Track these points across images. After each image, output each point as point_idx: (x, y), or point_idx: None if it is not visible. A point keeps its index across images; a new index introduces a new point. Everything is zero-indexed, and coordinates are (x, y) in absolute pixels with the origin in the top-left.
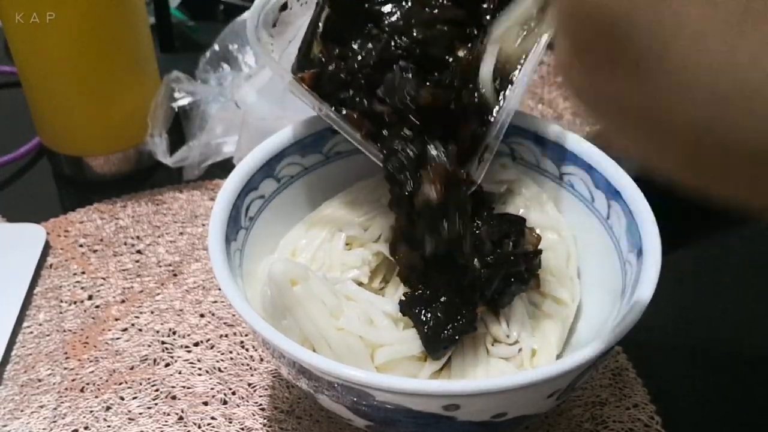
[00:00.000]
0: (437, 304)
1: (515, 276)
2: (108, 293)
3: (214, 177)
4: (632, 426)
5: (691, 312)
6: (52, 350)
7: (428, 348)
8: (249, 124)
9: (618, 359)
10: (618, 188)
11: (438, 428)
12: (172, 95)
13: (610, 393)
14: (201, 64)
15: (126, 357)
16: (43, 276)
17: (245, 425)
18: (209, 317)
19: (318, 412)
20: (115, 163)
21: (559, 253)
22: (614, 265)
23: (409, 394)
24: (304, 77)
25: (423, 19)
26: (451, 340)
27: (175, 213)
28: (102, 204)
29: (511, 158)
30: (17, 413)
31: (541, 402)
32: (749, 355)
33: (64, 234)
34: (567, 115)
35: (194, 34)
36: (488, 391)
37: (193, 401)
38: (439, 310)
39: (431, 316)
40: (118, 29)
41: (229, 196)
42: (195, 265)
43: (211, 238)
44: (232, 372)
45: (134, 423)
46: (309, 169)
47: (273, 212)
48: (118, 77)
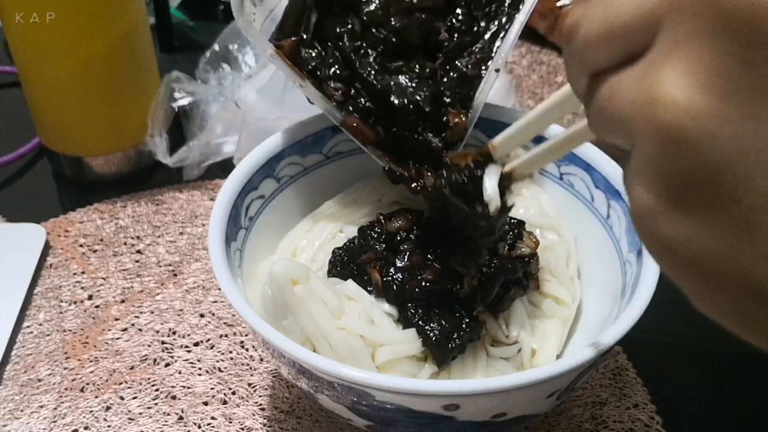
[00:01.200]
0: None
1: (514, 282)
2: (108, 293)
3: (214, 177)
4: (632, 426)
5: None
6: (52, 350)
7: (436, 358)
8: (249, 124)
9: (618, 359)
10: (618, 188)
11: (438, 428)
12: (172, 95)
13: (610, 393)
14: (201, 64)
15: (126, 357)
16: (43, 276)
17: (245, 425)
18: (209, 317)
19: (318, 412)
20: (115, 163)
21: (559, 253)
22: (614, 265)
23: (410, 394)
24: (283, 45)
25: (401, 8)
26: (458, 349)
27: (175, 213)
28: (102, 204)
29: None
30: (17, 413)
31: (541, 402)
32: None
33: (64, 234)
34: (567, 115)
35: (194, 34)
36: (488, 391)
37: (193, 401)
38: (443, 318)
39: (435, 325)
40: (118, 29)
41: (229, 196)
42: (195, 265)
43: (211, 238)
44: (232, 372)
45: (134, 423)
46: (309, 169)
47: (273, 212)
48: (118, 77)
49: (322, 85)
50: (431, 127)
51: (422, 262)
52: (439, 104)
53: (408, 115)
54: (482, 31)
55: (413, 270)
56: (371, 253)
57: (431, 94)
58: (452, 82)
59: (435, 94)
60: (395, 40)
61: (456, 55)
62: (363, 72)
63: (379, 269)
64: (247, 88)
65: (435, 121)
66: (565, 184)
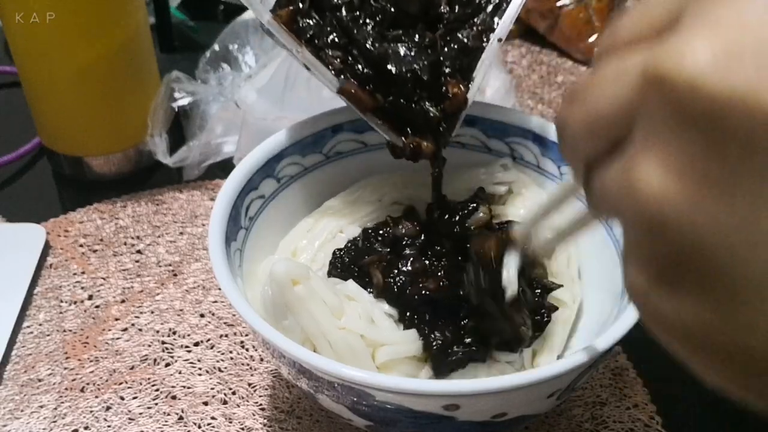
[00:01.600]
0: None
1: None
2: (108, 293)
3: (214, 177)
4: (632, 426)
5: None
6: (52, 350)
7: (435, 368)
8: (249, 124)
9: (618, 359)
10: None
11: (438, 428)
12: (172, 95)
13: (610, 393)
14: (201, 64)
15: (126, 357)
16: (43, 276)
17: (245, 425)
18: (209, 317)
19: (318, 412)
20: (115, 163)
21: (559, 253)
22: (614, 265)
23: (410, 394)
24: (280, 14)
25: None
26: (458, 363)
27: (175, 213)
28: (102, 204)
29: (511, 158)
30: (17, 413)
31: (541, 402)
32: None
33: (64, 234)
34: None
35: (194, 34)
36: (488, 391)
37: (193, 401)
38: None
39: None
40: (118, 29)
41: (229, 196)
42: (195, 265)
43: (211, 238)
44: (232, 372)
45: (134, 423)
46: (309, 169)
47: (273, 212)
48: (118, 77)
49: (320, 54)
50: (429, 96)
51: (426, 269)
52: (437, 74)
53: (405, 84)
54: (484, 3)
55: (416, 276)
56: (375, 256)
57: (430, 63)
58: (452, 52)
59: (434, 63)
60: (393, 9)
61: (457, 26)
62: (360, 39)
63: (381, 270)
64: (247, 88)
65: (433, 90)
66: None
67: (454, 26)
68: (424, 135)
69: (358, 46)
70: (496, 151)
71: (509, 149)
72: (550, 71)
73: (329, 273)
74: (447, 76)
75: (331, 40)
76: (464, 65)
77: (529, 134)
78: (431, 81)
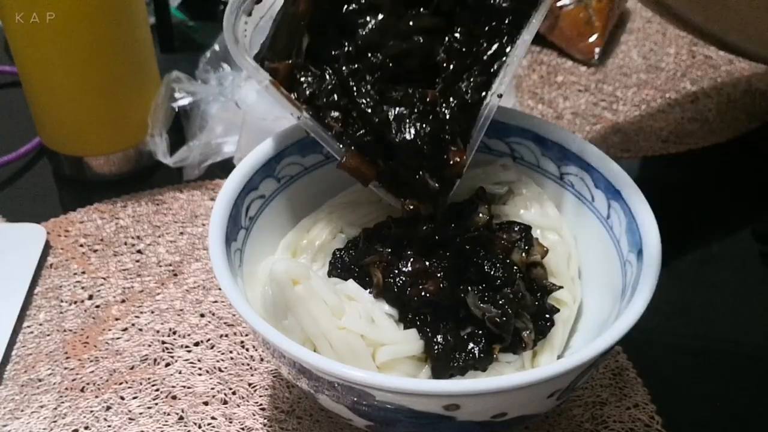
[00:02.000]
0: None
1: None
2: (108, 293)
3: (214, 177)
4: (632, 426)
5: (691, 312)
6: (52, 350)
7: (435, 371)
8: (249, 124)
9: (618, 359)
10: (618, 188)
11: (438, 428)
12: (172, 95)
13: (610, 393)
14: (201, 64)
15: (126, 357)
16: (44, 276)
17: (245, 425)
18: (209, 317)
19: (318, 412)
20: (115, 163)
21: (559, 253)
22: (614, 265)
23: (410, 394)
24: (278, 69)
25: (398, 31)
26: (459, 370)
27: (175, 213)
28: (102, 204)
29: (511, 158)
30: (17, 413)
31: (541, 402)
32: (749, 354)
33: (65, 234)
34: (567, 115)
35: (194, 34)
36: (488, 391)
37: (194, 401)
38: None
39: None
40: (118, 29)
41: (229, 196)
42: (195, 265)
43: (212, 238)
44: (233, 372)
45: (134, 423)
46: (309, 169)
47: (273, 212)
48: (118, 77)
49: (320, 114)
50: (429, 164)
51: (426, 270)
52: (439, 144)
53: (407, 155)
54: (482, 52)
55: (416, 276)
56: (375, 256)
57: (432, 133)
58: (452, 112)
59: (435, 132)
60: (392, 65)
61: (456, 79)
62: (361, 102)
63: (382, 270)
64: (247, 88)
65: (434, 161)
66: (565, 184)
67: (453, 79)
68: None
69: (358, 111)
70: (496, 151)
71: (509, 149)
72: (550, 71)
73: (329, 273)
74: (448, 144)
75: (331, 100)
76: (464, 125)
77: (529, 134)
78: (433, 152)
